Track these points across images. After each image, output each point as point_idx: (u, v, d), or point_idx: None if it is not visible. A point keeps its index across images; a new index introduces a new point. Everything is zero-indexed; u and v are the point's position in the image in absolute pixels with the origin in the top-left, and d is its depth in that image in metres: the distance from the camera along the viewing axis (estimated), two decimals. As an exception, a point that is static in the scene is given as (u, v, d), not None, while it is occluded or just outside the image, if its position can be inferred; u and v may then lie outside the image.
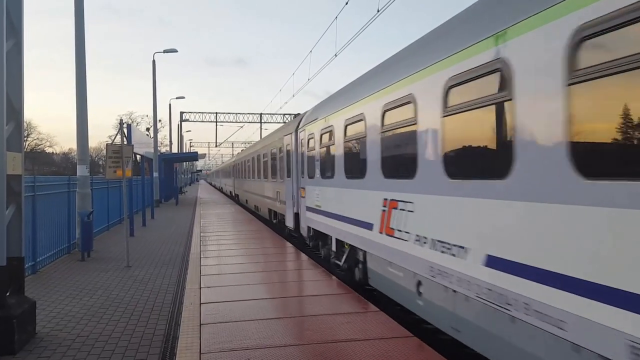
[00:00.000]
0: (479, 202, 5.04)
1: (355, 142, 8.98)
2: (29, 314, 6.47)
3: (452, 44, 5.60)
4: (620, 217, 3.35)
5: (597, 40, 3.58)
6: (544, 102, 4.11)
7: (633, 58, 3.23)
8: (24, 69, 6.82)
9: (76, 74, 14.04)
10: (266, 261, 11.43)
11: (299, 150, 14.11)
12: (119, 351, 5.95)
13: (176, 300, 8.28)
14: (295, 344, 5.84)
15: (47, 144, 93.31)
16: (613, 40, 3.45)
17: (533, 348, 4.23)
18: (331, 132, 10.41)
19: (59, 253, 12.68)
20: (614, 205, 3.40)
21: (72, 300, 8.42)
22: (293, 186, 14.68)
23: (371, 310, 7.23)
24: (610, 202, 3.42)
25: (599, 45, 3.60)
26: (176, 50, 34.82)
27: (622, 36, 3.36)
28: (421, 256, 6.26)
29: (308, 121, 12.96)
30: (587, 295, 3.59)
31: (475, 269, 5.05)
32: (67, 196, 13.51)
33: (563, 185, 3.85)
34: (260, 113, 62.20)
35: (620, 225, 3.35)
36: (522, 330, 4.34)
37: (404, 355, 5.42)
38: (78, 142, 14.28)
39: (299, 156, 14.01)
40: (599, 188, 3.52)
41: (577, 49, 3.73)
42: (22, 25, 6.80)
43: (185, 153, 60.07)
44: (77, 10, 14.08)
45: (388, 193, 7.38)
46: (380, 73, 8.24)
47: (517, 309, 4.39)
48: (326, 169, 10.88)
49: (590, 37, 3.61)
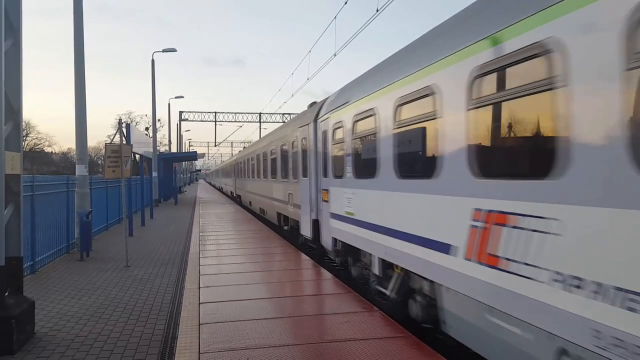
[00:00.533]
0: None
1: (416, 128, 6.59)
2: (28, 313, 6.47)
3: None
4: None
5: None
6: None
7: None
8: (22, 68, 6.82)
9: (75, 74, 14.03)
10: (265, 261, 11.43)
11: (319, 143, 11.71)
12: (118, 351, 5.95)
13: (175, 300, 8.28)
14: (294, 343, 5.84)
15: (46, 143, 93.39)
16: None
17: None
18: (373, 117, 7.99)
19: (58, 253, 12.67)
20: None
21: (71, 300, 8.42)
22: (311, 188, 12.32)
23: (370, 309, 7.23)
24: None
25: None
26: (175, 49, 34.88)
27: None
28: (573, 310, 3.80)
29: (333, 107, 10.53)
30: None
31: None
32: (66, 196, 13.50)
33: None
34: (260, 112, 62.27)
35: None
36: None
37: (403, 354, 5.43)
38: (77, 141, 14.27)
39: (320, 151, 11.60)
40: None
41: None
42: (21, 24, 6.79)
43: (184, 152, 60.08)
44: (76, 10, 14.06)
45: (485, 201, 4.96)
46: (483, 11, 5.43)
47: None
48: (363, 166, 8.58)
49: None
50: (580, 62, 3.76)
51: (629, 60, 3.35)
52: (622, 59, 3.39)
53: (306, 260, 11.51)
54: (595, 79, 3.66)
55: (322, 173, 11.41)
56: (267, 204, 20.89)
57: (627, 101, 3.39)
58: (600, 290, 3.57)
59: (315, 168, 12.04)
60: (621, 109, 3.43)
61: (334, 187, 10.43)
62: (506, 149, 5.01)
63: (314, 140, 12.15)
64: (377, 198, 7.94)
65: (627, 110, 3.40)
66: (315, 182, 12.07)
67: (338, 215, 10.10)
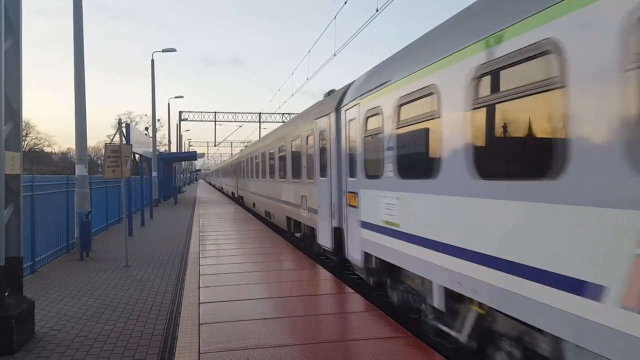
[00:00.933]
0: None
1: (519, 105, 4.57)
2: (28, 313, 6.46)
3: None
4: None
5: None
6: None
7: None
8: (22, 68, 6.82)
9: (75, 74, 14.02)
10: (265, 261, 11.42)
11: (343, 137, 9.96)
12: (118, 351, 5.94)
13: (175, 300, 8.27)
14: (294, 343, 5.83)
15: (46, 143, 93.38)
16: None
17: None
18: (433, 97, 5.94)
19: (58, 253, 12.66)
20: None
21: (71, 300, 8.41)
22: (332, 190, 10.67)
23: (370, 309, 7.22)
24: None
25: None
26: (175, 49, 34.88)
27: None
28: None
29: (364, 91, 8.63)
30: None
31: None
32: (66, 196, 13.49)
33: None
34: (259, 112, 62.30)
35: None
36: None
37: (403, 354, 5.42)
38: (77, 141, 14.26)
39: (345, 145, 9.83)
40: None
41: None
42: (21, 24, 6.79)
43: (184, 152, 60.09)
44: (76, 10, 14.06)
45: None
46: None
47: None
48: (415, 163, 6.74)
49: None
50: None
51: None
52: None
53: (305, 259, 11.49)
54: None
55: (347, 172, 9.66)
56: (274, 207, 18.79)
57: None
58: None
59: (338, 166, 10.28)
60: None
61: (365, 189, 8.54)
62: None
63: (336, 133, 10.44)
64: (438, 205, 5.98)
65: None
66: (337, 183, 10.34)
67: (372, 224, 8.19)
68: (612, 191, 3.50)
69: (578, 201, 3.78)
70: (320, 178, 11.69)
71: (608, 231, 3.51)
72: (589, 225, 3.68)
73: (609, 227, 3.51)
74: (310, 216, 12.83)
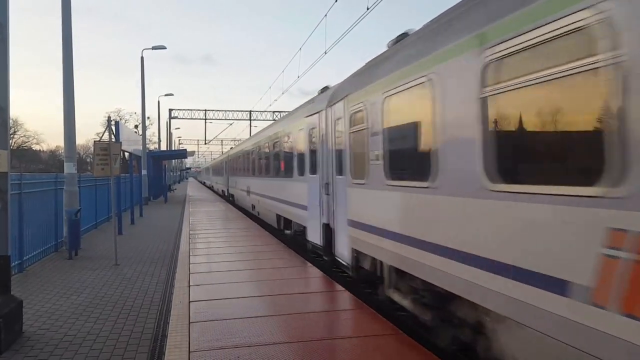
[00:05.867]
0: None
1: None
2: (16, 313, 6.42)
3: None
4: None
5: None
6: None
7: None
8: (9, 65, 6.75)
9: (63, 72, 13.90)
10: (255, 259, 11.41)
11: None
12: (107, 350, 5.91)
13: (165, 299, 8.24)
14: (285, 341, 5.84)
15: (34, 141, 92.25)
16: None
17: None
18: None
19: (46, 251, 12.56)
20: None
21: (60, 299, 8.35)
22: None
23: (361, 307, 7.25)
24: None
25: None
26: (165, 47, 34.61)
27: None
28: None
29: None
30: None
31: None
32: (54, 194, 13.38)
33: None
34: (250, 110, 62.16)
35: None
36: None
37: (394, 352, 5.45)
38: (65, 139, 14.13)
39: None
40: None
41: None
42: (8, 20, 6.73)
43: (174, 150, 59.86)
44: (64, 8, 13.94)
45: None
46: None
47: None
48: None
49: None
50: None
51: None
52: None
53: (296, 257, 11.50)
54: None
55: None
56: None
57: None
58: None
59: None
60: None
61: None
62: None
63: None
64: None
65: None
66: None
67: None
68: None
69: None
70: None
71: None
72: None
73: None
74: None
